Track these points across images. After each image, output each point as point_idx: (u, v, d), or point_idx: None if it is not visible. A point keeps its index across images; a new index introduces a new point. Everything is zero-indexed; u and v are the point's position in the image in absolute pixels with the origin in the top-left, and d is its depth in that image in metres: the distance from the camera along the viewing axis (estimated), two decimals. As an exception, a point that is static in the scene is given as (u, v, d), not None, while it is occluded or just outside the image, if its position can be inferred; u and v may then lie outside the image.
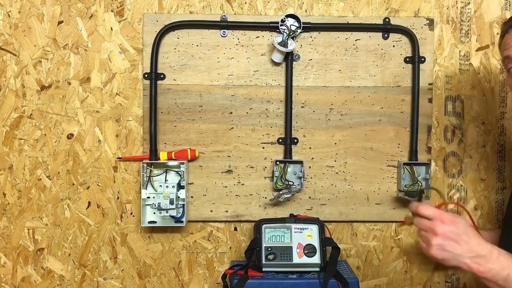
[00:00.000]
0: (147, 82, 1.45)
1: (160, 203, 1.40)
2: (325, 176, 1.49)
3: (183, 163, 1.43)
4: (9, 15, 1.45)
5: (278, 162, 1.46)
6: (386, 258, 1.52)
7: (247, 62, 1.47)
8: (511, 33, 1.08)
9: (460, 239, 0.92)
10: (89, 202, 1.48)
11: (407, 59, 1.48)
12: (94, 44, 1.46)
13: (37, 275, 1.49)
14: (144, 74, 1.45)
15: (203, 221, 1.50)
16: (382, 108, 1.49)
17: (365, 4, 1.48)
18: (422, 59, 1.47)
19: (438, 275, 1.52)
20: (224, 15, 1.45)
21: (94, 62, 1.46)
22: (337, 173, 1.49)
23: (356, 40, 1.48)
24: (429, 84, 1.49)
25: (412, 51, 1.48)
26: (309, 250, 1.33)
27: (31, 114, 1.46)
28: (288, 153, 1.47)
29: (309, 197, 1.49)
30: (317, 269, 1.32)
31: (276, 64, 1.47)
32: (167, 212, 1.42)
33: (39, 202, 1.47)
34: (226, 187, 1.48)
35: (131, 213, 1.49)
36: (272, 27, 1.44)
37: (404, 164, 1.46)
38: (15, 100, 1.46)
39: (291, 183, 1.45)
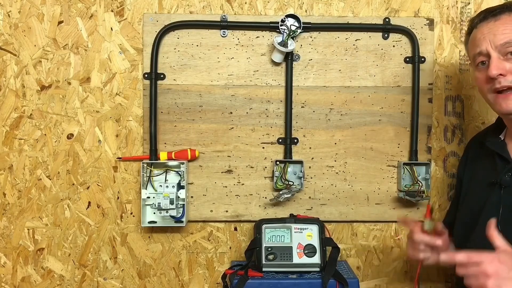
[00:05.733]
0: (147, 82, 1.45)
1: (160, 203, 1.40)
2: (325, 176, 1.49)
3: (183, 163, 1.43)
4: (9, 15, 1.45)
5: (278, 162, 1.46)
6: (386, 258, 1.52)
7: (247, 62, 1.47)
8: (480, 28, 1.11)
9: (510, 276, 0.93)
10: (89, 202, 1.48)
11: (407, 59, 1.48)
12: (94, 44, 1.46)
13: (37, 275, 1.49)
14: (144, 74, 1.45)
15: (203, 221, 1.50)
16: (382, 108, 1.49)
17: (365, 4, 1.48)
18: (422, 59, 1.47)
19: (438, 275, 1.52)
20: (224, 15, 1.45)
21: (94, 62, 1.46)
22: (337, 173, 1.49)
23: (356, 40, 1.48)
24: (429, 84, 1.49)
25: (412, 51, 1.48)
26: (309, 250, 1.33)
27: (31, 114, 1.46)
28: (288, 153, 1.47)
29: (309, 197, 1.49)
30: (317, 269, 1.32)
31: (276, 64, 1.47)
32: (167, 212, 1.42)
33: (39, 202, 1.47)
34: (226, 187, 1.48)
35: (131, 213, 1.49)
36: (272, 27, 1.44)
37: (404, 164, 1.46)
38: (15, 100, 1.46)
39: (291, 183, 1.45)
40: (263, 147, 1.49)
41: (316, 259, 1.32)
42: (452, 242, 1.28)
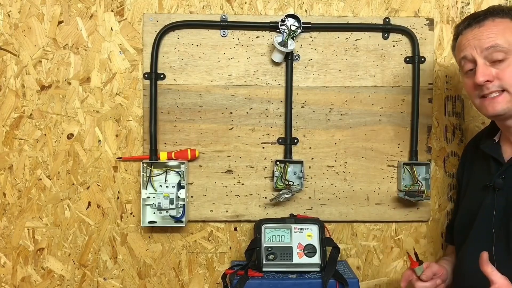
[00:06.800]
0: (147, 82, 1.45)
1: (160, 203, 1.40)
2: (325, 176, 1.49)
3: (183, 163, 1.43)
4: (9, 15, 1.45)
5: (278, 162, 1.46)
6: (386, 258, 1.52)
7: (247, 62, 1.47)
8: (465, 34, 1.13)
9: None
10: (89, 202, 1.48)
11: (407, 59, 1.48)
12: (94, 44, 1.46)
13: (37, 275, 1.49)
14: (144, 74, 1.45)
15: (203, 221, 1.50)
16: (382, 108, 1.49)
17: (365, 4, 1.48)
18: (422, 59, 1.47)
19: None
20: (224, 15, 1.45)
21: (94, 62, 1.46)
22: (337, 173, 1.49)
23: (356, 40, 1.48)
24: (429, 84, 1.49)
25: (412, 51, 1.48)
26: (309, 250, 1.33)
27: (31, 114, 1.46)
28: (288, 153, 1.47)
29: (309, 197, 1.49)
30: (317, 269, 1.32)
31: (276, 64, 1.47)
32: (167, 212, 1.42)
33: (39, 202, 1.47)
34: (226, 187, 1.48)
35: (131, 213, 1.49)
36: (272, 27, 1.44)
37: (404, 164, 1.46)
38: (15, 100, 1.46)
39: (291, 183, 1.44)
40: (263, 147, 1.49)
41: (316, 259, 1.32)
42: (448, 265, 1.29)
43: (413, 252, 1.24)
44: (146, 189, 1.42)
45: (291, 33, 1.42)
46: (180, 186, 1.43)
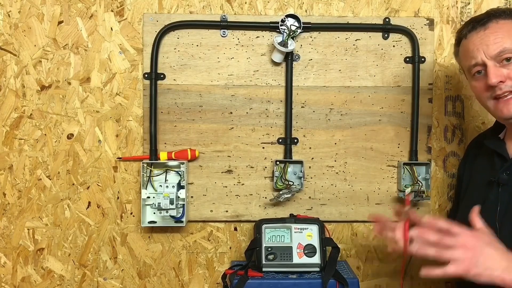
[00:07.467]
0: (147, 82, 1.45)
1: (160, 203, 1.40)
2: (325, 176, 1.49)
3: (183, 163, 1.43)
4: (9, 15, 1.45)
5: (278, 162, 1.46)
6: (386, 258, 1.52)
7: (247, 62, 1.47)
8: (470, 39, 1.12)
9: (486, 252, 0.94)
10: (89, 202, 1.48)
11: (407, 59, 1.48)
12: (94, 44, 1.46)
13: (37, 275, 1.49)
14: (144, 74, 1.45)
15: (203, 221, 1.50)
16: (382, 108, 1.49)
17: (365, 4, 1.48)
18: (422, 59, 1.47)
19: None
20: (224, 15, 1.45)
21: (94, 62, 1.46)
22: (337, 173, 1.49)
23: (356, 40, 1.48)
24: (429, 84, 1.49)
25: (412, 51, 1.48)
26: (309, 250, 1.33)
27: (31, 114, 1.46)
28: (288, 153, 1.47)
29: (309, 197, 1.49)
30: (317, 269, 1.32)
31: (276, 64, 1.47)
32: (167, 212, 1.42)
33: (39, 202, 1.47)
34: (226, 187, 1.48)
35: (131, 213, 1.49)
36: (272, 27, 1.44)
37: (404, 164, 1.46)
38: (15, 100, 1.46)
39: (291, 183, 1.44)
40: (263, 147, 1.49)
41: (316, 259, 1.32)
42: None
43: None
44: (146, 189, 1.42)
45: (291, 33, 1.42)
46: (180, 186, 1.43)
